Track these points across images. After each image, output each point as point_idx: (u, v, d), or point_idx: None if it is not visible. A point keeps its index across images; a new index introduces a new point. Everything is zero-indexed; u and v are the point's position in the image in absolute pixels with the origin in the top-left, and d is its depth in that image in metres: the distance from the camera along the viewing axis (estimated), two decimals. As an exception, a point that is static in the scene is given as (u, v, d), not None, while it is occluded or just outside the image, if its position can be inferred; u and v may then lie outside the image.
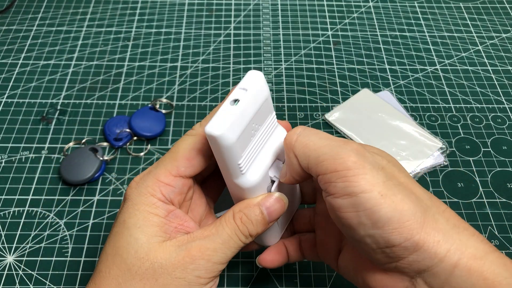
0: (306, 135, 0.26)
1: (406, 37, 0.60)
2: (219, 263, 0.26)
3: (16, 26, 0.60)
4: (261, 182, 0.27)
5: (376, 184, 0.24)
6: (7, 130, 0.48)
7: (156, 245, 0.26)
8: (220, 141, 0.24)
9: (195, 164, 0.27)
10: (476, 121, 0.50)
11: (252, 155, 0.26)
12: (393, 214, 0.23)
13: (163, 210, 0.27)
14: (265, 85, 0.26)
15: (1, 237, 0.40)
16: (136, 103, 0.51)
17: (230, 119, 0.24)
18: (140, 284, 0.25)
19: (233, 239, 0.27)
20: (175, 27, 0.60)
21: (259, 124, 0.26)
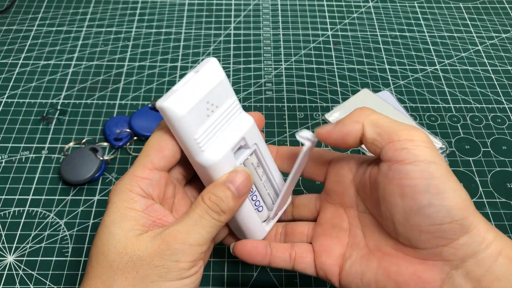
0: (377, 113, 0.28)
1: (406, 37, 0.60)
2: (196, 244, 0.26)
3: (16, 26, 0.60)
4: (223, 162, 0.28)
5: (442, 161, 0.25)
6: (7, 130, 0.48)
7: (133, 239, 0.26)
8: (169, 112, 0.26)
9: (167, 154, 0.28)
10: (476, 121, 0.50)
11: (210, 134, 0.28)
12: (457, 190, 0.25)
13: (142, 204, 0.27)
14: (218, 69, 0.28)
15: (1, 237, 0.40)
16: (136, 103, 0.51)
17: (179, 94, 0.26)
18: (122, 278, 0.25)
19: (205, 218, 0.27)
20: (175, 27, 0.60)
21: (216, 105, 0.28)
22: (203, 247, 0.27)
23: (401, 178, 0.25)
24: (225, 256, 0.40)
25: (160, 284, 0.25)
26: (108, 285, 0.25)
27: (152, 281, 0.25)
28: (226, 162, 0.28)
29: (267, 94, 0.52)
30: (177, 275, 0.26)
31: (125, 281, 0.25)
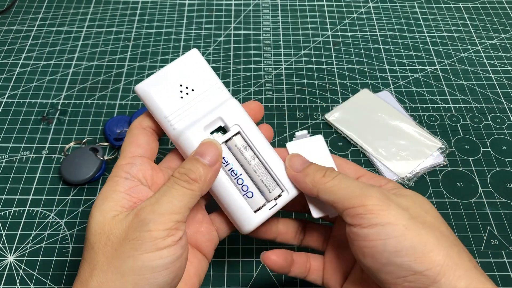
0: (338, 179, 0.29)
1: (406, 37, 0.60)
2: (166, 212, 0.26)
3: (16, 27, 0.60)
4: (195, 140, 0.30)
5: (401, 219, 0.26)
6: (8, 130, 0.48)
7: (110, 219, 0.26)
8: (140, 93, 0.30)
9: (141, 142, 0.30)
10: (476, 121, 0.50)
11: (184, 114, 0.30)
12: (417, 244, 0.25)
13: (124, 185, 0.28)
14: (197, 57, 0.31)
15: (2, 237, 0.40)
16: (137, 103, 0.51)
17: (151, 77, 0.30)
18: (103, 258, 0.26)
19: (174, 187, 0.27)
20: (175, 28, 0.60)
21: (192, 88, 0.31)
22: (177, 216, 0.26)
23: (360, 241, 0.27)
24: (225, 256, 0.40)
25: (137, 258, 0.25)
26: (92, 267, 0.26)
27: (129, 255, 0.25)
28: (197, 140, 0.30)
29: (267, 94, 0.52)
30: (152, 246, 0.25)
31: (105, 261, 0.25)
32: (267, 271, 0.39)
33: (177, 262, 0.26)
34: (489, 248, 0.41)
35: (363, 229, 0.26)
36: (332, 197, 0.28)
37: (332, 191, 0.28)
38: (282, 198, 0.31)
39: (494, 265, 0.40)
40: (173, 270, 0.26)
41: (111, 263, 0.25)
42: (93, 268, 0.26)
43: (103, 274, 0.25)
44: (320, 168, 0.30)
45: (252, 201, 0.30)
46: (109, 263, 0.25)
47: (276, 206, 0.31)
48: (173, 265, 0.26)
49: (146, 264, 0.25)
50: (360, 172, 0.32)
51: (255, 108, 0.33)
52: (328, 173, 0.29)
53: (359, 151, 0.47)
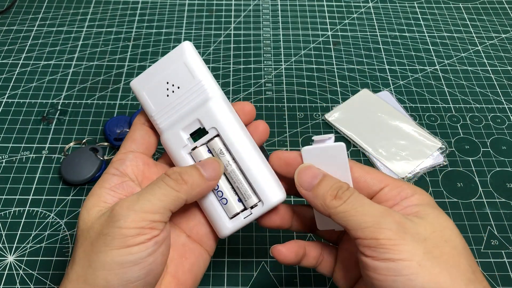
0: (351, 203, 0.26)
1: (406, 37, 0.60)
2: (142, 210, 0.25)
3: (16, 27, 0.60)
4: (172, 141, 0.30)
5: (415, 255, 0.24)
6: (8, 130, 0.48)
7: (93, 215, 0.27)
8: (133, 89, 0.31)
9: (136, 137, 0.30)
10: (476, 121, 0.50)
11: (169, 113, 0.30)
12: (429, 284, 0.24)
13: (111, 181, 0.28)
14: (187, 51, 0.30)
15: (2, 237, 0.40)
16: (137, 103, 0.51)
17: (144, 73, 0.31)
18: (83, 254, 0.26)
19: (158, 185, 0.26)
20: (175, 27, 0.60)
21: (178, 86, 0.30)
22: (152, 215, 0.25)
23: (370, 271, 0.25)
24: (225, 256, 0.40)
25: (107, 253, 0.25)
26: (73, 261, 0.26)
27: (100, 251, 0.25)
28: (174, 141, 0.30)
29: (267, 94, 0.52)
30: (121, 242, 0.24)
31: (82, 255, 0.26)
32: (267, 271, 0.39)
33: (150, 258, 0.25)
34: (489, 248, 0.41)
35: (374, 261, 0.25)
36: (344, 223, 0.26)
37: (343, 217, 0.26)
38: (257, 208, 0.29)
39: (494, 265, 0.40)
40: (144, 266, 0.25)
41: (86, 258, 0.25)
42: (73, 262, 0.26)
43: (80, 268, 0.25)
44: (331, 186, 0.27)
45: (227, 207, 0.30)
46: (85, 257, 0.25)
47: (251, 216, 0.29)
48: (144, 260, 0.25)
49: (115, 259, 0.24)
50: (384, 181, 0.29)
51: (245, 109, 0.31)
52: (339, 194, 0.27)
53: (359, 151, 0.47)
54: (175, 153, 0.30)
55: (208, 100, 0.29)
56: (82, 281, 0.25)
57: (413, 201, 0.28)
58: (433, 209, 0.27)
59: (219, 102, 0.29)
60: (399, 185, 0.28)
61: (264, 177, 0.29)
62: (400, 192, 0.28)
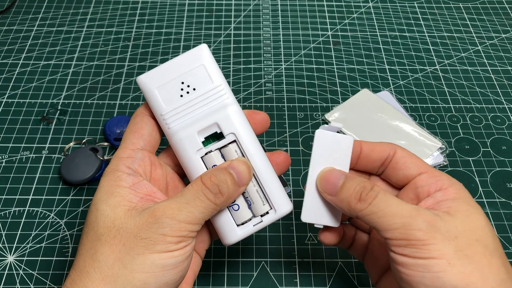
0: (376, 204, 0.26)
1: (406, 37, 0.60)
2: (186, 222, 0.26)
3: (16, 27, 0.60)
4: (185, 143, 0.29)
5: (445, 253, 0.24)
6: (8, 130, 0.48)
7: (121, 214, 0.26)
8: (141, 85, 0.29)
9: (144, 133, 0.29)
10: (476, 121, 0.50)
11: (181, 114, 0.29)
12: (458, 283, 0.24)
13: (128, 180, 0.28)
14: (204, 54, 0.29)
15: (2, 237, 0.40)
16: (137, 103, 0.51)
17: (155, 70, 0.29)
18: (109, 251, 0.25)
19: (200, 197, 0.26)
20: (175, 27, 0.60)
21: (193, 87, 0.29)
22: (193, 226, 0.26)
23: (399, 266, 0.25)
24: (225, 256, 0.40)
25: (146, 256, 0.25)
26: (95, 259, 0.25)
27: (139, 253, 0.25)
28: (188, 144, 0.29)
29: (267, 94, 0.52)
30: (164, 248, 0.25)
31: (111, 254, 0.25)
32: (267, 271, 0.39)
33: (186, 261, 0.26)
34: (489, 248, 0.41)
35: (403, 257, 0.25)
36: (372, 225, 0.26)
37: (371, 220, 0.26)
38: (268, 216, 0.29)
39: (494, 265, 0.40)
40: (181, 269, 0.26)
41: (118, 258, 0.25)
42: (96, 259, 0.25)
43: (107, 267, 0.25)
44: (354, 189, 0.27)
45: (237, 214, 0.29)
46: (116, 257, 0.25)
47: (261, 223, 0.29)
48: (182, 264, 0.26)
49: (156, 262, 0.25)
50: (423, 168, 0.29)
51: (261, 119, 0.31)
52: (363, 196, 0.26)
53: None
54: (188, 156, 0.29)
55: (228, 105, 0.29)
56: (111, 281, 0.25)
57: (448, 194, 0.27)
58: (467, 206, 0.26)
59: (238, 108, 0.30)
60: (437, 174, 0.28)
61: (277, 186, 0.29)
62: (437, 181, 0.28)
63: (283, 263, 0.40)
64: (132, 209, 0.26)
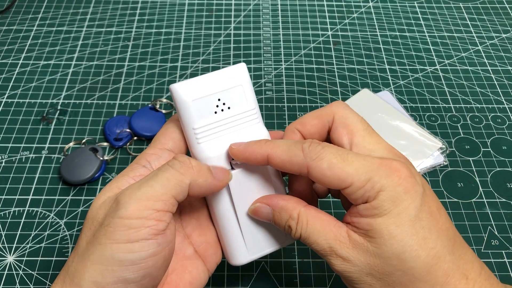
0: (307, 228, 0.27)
1: (406, 37, 0.60)
2: (144, 198, 0.23)
3: (16, 26, 0.60)
4: (213, 163, 0.28)
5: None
6: (8, 130, 0.48)
7: (99, 202, 0.26)
8: (175, 95, 0.27)
9: (174, 136, 0.29)
10: (476, 121, 0.50)
11: (213, 131, 0.28)
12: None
13: (137, 172, 0.27)
14: (243, 73, 0.29)
15: (1, 237, 0.40)
16: (136, 103, 0.51)
17: (193, 81, 0.28)
18: (84, 242, 0.25)
19: (161, 169, 0.25)
20: (175, 27, 0.60)
21: (228, 106, 0.28)
22: (156, 203, 0.24)
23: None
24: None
25: (107, 246, 0.23)
26: (75, 253, 0.25)
27: (100, 243, 0.23)
28: (216, 163, 0.28)
29: (267, 94, 0.52)
30: (123, 236, 0.23)
31: (84, 245, 0.25)
32: (267, 271, 0.39)
33: (150, 260, 0.24)
34: (489, 248, 0.41)
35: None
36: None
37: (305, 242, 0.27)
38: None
39: (495, 265, 0.40)
40: (143, 267, 0.23)
41: (86, 249, 0.24)
42: (75, 253, 0.25)
43: (79, 260, 0.24)
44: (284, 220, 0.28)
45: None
46: (85, 248, 0.24)
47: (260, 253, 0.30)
48: (144, 261, 0.23)
49: (114, 255, 0.23)
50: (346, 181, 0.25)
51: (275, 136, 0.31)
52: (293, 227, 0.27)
53: (359, 151, 0.47)
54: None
55: (259, 130, 0.29)
56: (80, 274, 0.23)
57: (369, 212, 0.25)
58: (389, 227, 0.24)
59: (267, 133, 0.30)
60: (360, 186, 0.25)
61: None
62: (362, 195, 0.25)
63: (283, 263, 0.39)
64: (110, 197, 0.26)
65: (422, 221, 0.24)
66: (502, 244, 0.41)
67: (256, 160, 0.27)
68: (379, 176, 0.24)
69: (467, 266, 0.25)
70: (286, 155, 0.26)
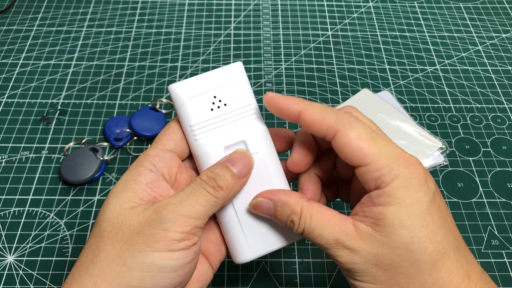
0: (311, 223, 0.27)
1: (406, 37, 0.60)
2: (187, 215, 0.25)
3: (16, 26, 0.60)
4: (212, 157, 0.28)
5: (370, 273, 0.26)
6: (8, 130, 0.48)
7: (127, 210, 0.26)
8: (172, 94, 0.29)
9: (175, 137, 0.29)
10: (476, 121, 0.50)
11: (210, 127, 0.29)
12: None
13: (147, 177, 0.27)
14: (239, 71, 0.29)
15: (2, 237, 0.40)
16: (136, 103, 0.51)
17: (189, 81, 0.29)
18: (110, 247, 0.25)
19: (199, 191, 0.26)
20: (175, 27, 0.60)
21: (224, 103, 0.29)
22: (196, 221, 0.26)
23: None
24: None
25: (147, 254, 0.24)
26: (96, 254, 0.25)
27: (139, 250, 0.24)
28: (215, 158, 0.28)
29: (267, 94, 0.52)
30: (165, 246, 0.24)
31: (112, 251, 0.25)
32: (267, 271, 0.39)
33: (187, 267, 0.26)
34: (489, 248, 0.41)
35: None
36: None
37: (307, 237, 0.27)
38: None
39: (495, 265, 0.40)
40: (181, 274, 0.25)
41: (118, 254, 0.25)
42: (97, 255, 0.25)
43: (106, 264, 0.24)
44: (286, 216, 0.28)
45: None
46: (116, 253, 0.25)
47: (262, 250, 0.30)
48: (182, 268, 0.25)
49: (155, 262, 0.24)
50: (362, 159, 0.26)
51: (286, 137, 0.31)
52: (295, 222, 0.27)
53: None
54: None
55: (257, 124, 0.30)
56: (108, 278, 0.24)
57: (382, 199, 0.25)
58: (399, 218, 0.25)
59: (265, 128, 0.30)
60: (379, 168, 0.25)
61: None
62: (376, 178, 0.25)
63: (283, 263, 0.39)
64: (139, 206, 0.26)
65: (433, 216, 0.25)
66: (502, 244, 0.41)
67: (288, 112, 0.27)
68: (398, 164, 0.25)
69: (470, 266, 0.25)
70: (319, 114, 0.26)
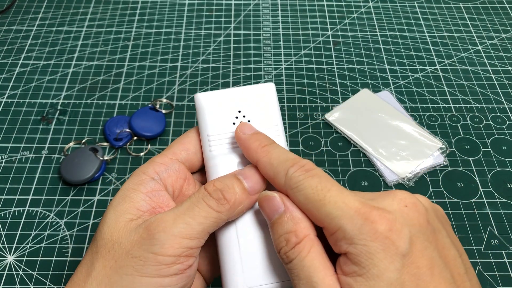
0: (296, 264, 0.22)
1: (406, 37, 0.60)
2: (180, 235, 0.22)
3: (16, 26, 0.60)
4: (225, 169, 0.27)
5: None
6: (8, 130, 0.48)
7: (122, 224, 0.24)
8: (197, 102, 0.28)
9: (189, 147, 0.27)
10: (476, 121, 0.50)
11: (226, 141, 0.28)
12: None
13: (148, 186, 0.25)
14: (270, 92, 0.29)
15: (1, 237, 0.40)
16: (136, 103, 0.51)
17: (217, 92, 0.28)
18: (101, 267, 0.23)
19: (199, 205, 0.23)
20: (175, 27, 0.60)
21: (248, 119, 0.28)
22: (190, 242, 0.23)
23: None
24: (225, 256, 0.40)
25: (134, 279, 0.22)
26: (89, 273, 0.23)
27: (127, 273, 0.22)
28: (226, 172, 0.27)
29: (267, 94, 0.52)
30: (154, 271, 0.22)
31: (102, 270, 0.23)
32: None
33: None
34: (489, 248, 0.41)
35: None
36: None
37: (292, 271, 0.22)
38: None
39: (495, 265, 0.40)
40: None
41: (108, 275, 0.23)
42: (89, 274, 0.23)
43: (96, 284, 0.23)
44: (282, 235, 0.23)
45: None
46: (105, 274, 0.23)
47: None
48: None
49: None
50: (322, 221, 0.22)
51: None
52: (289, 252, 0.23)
53: (359, 151, 0.47)
54: None
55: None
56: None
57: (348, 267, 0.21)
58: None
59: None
60: (331, 231, 0.22)
61: None
62: (334, 243, 0.22)
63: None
64: (133, 220, 0.24)
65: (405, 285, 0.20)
66: (502, 244, 0.41)
67: (248, 158, 0.26)
68: (352, 225, 0.21)
69: None
70: (271, 172, 0.24)
